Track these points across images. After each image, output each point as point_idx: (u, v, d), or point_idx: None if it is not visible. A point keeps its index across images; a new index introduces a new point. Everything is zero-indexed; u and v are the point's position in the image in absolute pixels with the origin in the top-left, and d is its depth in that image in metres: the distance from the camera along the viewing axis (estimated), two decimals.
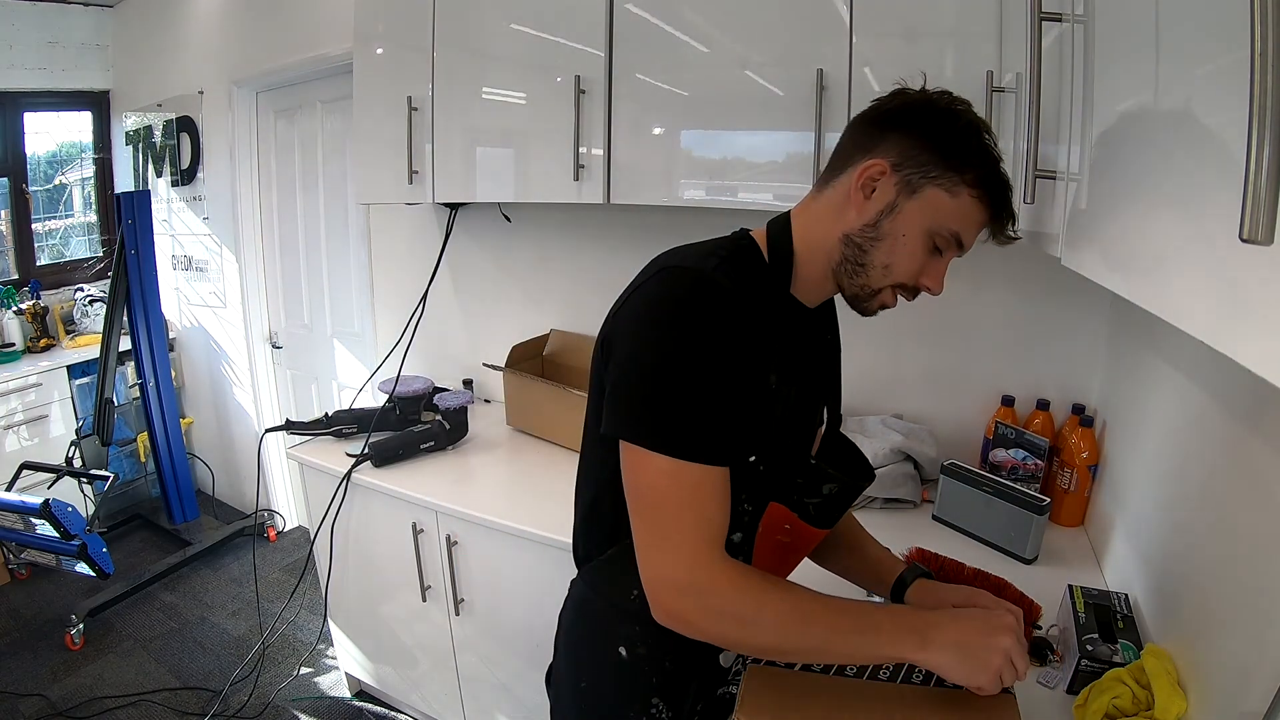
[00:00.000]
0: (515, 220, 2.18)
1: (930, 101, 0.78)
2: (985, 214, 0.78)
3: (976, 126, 0.76)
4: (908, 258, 0.79)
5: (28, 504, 2.20)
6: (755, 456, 0.81)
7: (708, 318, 0.73)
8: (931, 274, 0.80)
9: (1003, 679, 0.72)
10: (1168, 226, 0.53)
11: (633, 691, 0.89)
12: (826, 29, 1.31)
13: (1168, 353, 1.15)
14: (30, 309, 3.12)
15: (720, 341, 0.73)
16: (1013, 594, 1.07)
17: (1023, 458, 1.52)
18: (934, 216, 0.77)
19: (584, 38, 1.55)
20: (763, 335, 0.78)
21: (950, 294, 1.63)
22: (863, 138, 0.80)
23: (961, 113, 0.77)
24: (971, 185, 0.76)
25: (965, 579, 1.09)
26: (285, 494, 3.26)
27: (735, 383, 0.74)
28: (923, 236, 0.78)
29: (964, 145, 0.75)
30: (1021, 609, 0.93)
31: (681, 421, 0.71)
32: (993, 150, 0.77)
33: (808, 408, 0.89)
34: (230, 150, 2.91)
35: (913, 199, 0.77)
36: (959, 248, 0.79)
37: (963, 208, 0.76)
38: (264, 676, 2.28)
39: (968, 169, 0.75)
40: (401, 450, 1.85)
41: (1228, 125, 0.42)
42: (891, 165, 0.77)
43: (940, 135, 0.76)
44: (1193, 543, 0.98)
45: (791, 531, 0.86)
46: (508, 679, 1.75)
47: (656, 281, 0.76)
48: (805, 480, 0.85)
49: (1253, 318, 0.40)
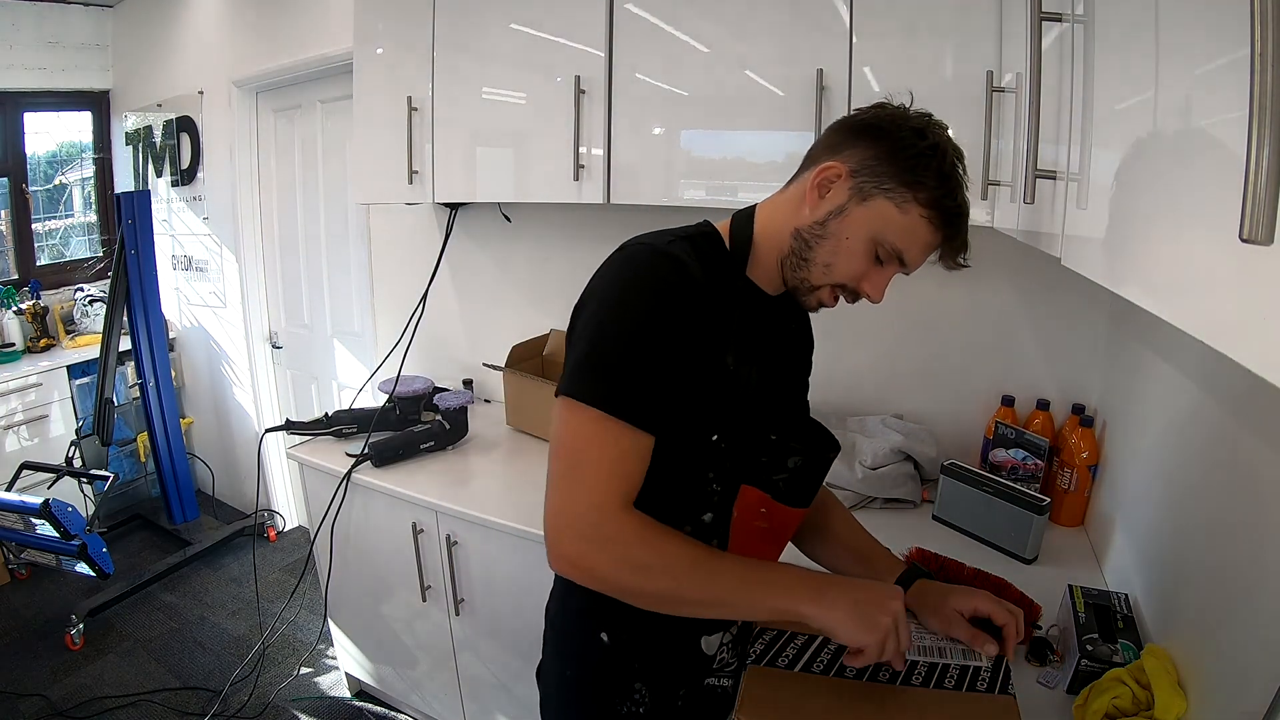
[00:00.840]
0: (515, 220, 2.18)
1: (903, 118, 0.80)
2: (933, 236, 0.79)
3: (943, 151, 0.78)
4: (848, 260, 0.81)
5: (28, 504, 2.20)
6: (717, 435, 0.83)
7: (659, 288, 0.76)
8: (872, 282, 0.82)
9: (886, 647, 0.75)
10: (1167, 226, 0.53)
11: (616, 678, 0.91)
12: (826, 29, 1.31)
13: (1168, 352, 1.15)
14: (30, 309, 3.12)
15: (669, 311, 0.76)
16: (1013, 594, 1.07)
17: (1023, 458, 1.52)
18: (879, 226, 0.78)
19: (584, 38, 1.55)
20: (719, 316, 0.81)
21: (950, 294, 1.66)
22: (833, 141, 0.83)
23: (932, 135, 0.78)
24: (923, 205, 0.77)
25: (965, 579, 1.09)
26: (285, 494, 3.26)
27: (678, 354, 0.77)
28: (866, 242, 0.79)
29: (923, 165, 0.77)
30: (1021, 609, 0.93)
31: (616, 380, 0.74)
32: (953, 176, 0.78)
33: (769, 389, 0.90)
34: (230, 150, 2.91)
35: (862, 205, 0.79)
36: (901, 264, 0.81)
37: (909, 225, 0.78)
38: (264, 676, 2.28)
39: (921, 188, 0.77)
40: (401, 450, 1.85)
41: (1227, 125, 0.42)
42: (849, 170, 0.79)
43: (902, 151, 0.77)
44: (1193, 542, 0.98)
45: (768, 515, 0.87)
46: (508, 679, 1.75)
47: (618, 257, 0.81)
48: (770, 457, 0.86)
49: (1253, 318, 0.40)
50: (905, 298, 1.71)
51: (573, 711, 0.96)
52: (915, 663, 0.86)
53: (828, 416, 1.75)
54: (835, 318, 1.79)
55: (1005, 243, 1.23)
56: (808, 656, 0.86)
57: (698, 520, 0.85)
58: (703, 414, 0.82)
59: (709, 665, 0.94)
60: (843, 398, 1.80)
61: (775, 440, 0.87)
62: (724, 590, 0.76)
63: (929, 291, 1.69)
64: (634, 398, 0.74)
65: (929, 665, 0.85)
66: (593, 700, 0.93)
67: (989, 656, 0.86)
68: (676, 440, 0.81)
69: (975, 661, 0.86)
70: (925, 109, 0.82)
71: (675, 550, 0.75)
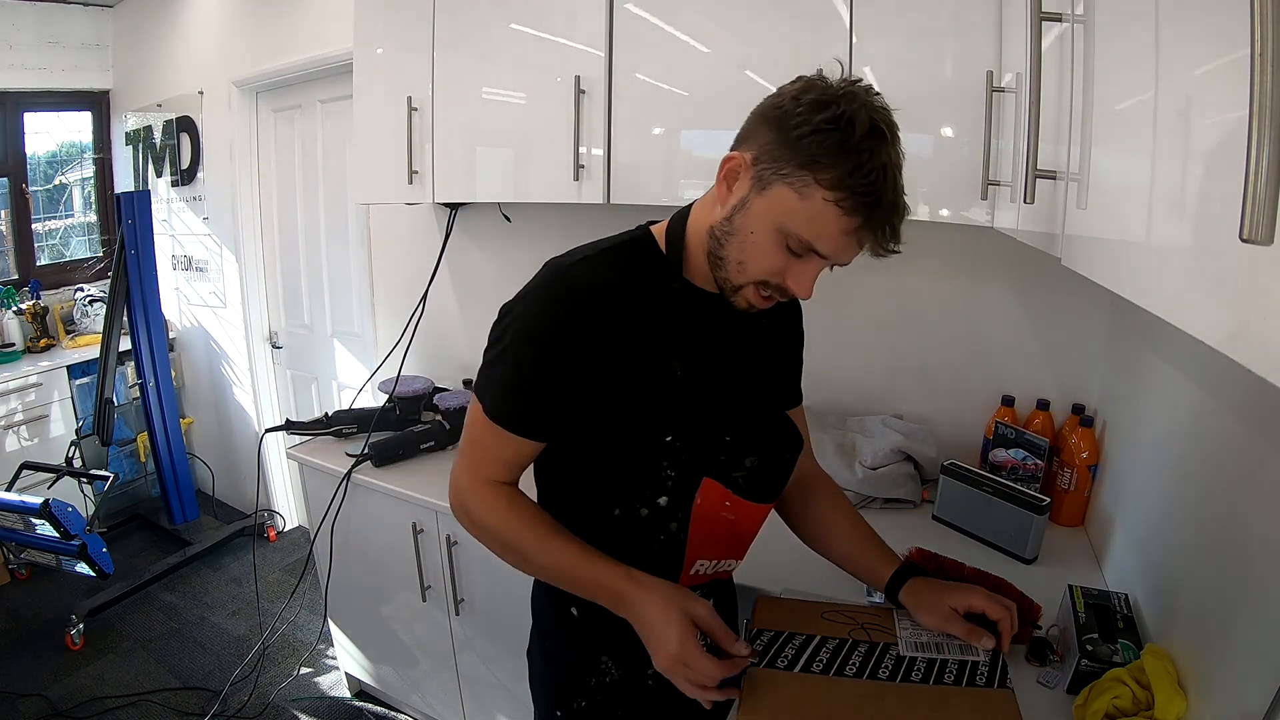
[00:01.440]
0: (515, 220, 2.18)
1: (808, 92, 0.71)
2: (845, 222, 0.71)
3: (849, 122, 0.68)
4: (758, 255, 0.76)
5: (28, 504, 2.20)
6: (671, 436, 0.83)
7: (547, 310, 0.80)
8: (794, 277, 0.76)
9: (676, 682, 0.77)
10: (1167, 226, 0.53)
11: (584, 651, 0.94)
12: (826, 29, 1.31)
13: (1168, 353, 1.15)
14: (30, 309, 3.12)
15: (551, 333, 0.79)
16: (1013, 594, 1.07)
17: (1023, 458, 1.52)
18: (781, 216, 0.73)
19: (584, 38, 1.55)
20: (652, 323, 0.82)
21: (950, 294, 1.66)
22: (743, 130, 0.78)
23: (841, 107, 0.69)
24: (826, 188, 0.69)
25: (965, 579, 1.09)
26: (285, 494, 3.26)
27: (561, 373, 0.80)
28: (772, 235, 0.74)
29: (823, 142, 0.68)
30: (1019, 607, 0.93)
31: (505, 394, 0.83)
32: (865, 151, 0.68)
33: (723, 391, 0.88)
34: (230, 150, 2.91)
35: (761, 196, 0.74)
36: (819, 256, 0.75)
37: (813, 211, 0.71)
38: (264, 676, 2.28)
39: (821, 168, 0.69)
40: (401, 450, 1.85)
41: (1227, 125, 0.42)
42: (751, 159, 0.74)
43: (799, 128, 0.70)
44: (1193, 543, 0.98)
45: (733, 507, 0.87)
46: (508, 679, 1.75)
47: (536, 275, 0.83)
48: (727, 456, 0.86)
49: (1253, 318, 0.40)
50: (905, 298, 1.72)
51: (550, 684, 0.99)
52: (914, 659, 0.86)
53: (827, 416, 1.75)
54: (835, 318, 1.80)
55: (1005, 243, 1.23)
56: (807, 656, 0.86)
57: (653, 503, 0.85)
58: (654, 417, 0.83)
59: None
60: (843, 398, 1.80)
61: (730, 441, 0.87)
62: (552, 576, 0.87)
63: (929, 291, 1.69)
64: (516, 413, 0.83)
65: (928, 661, 0.86)
66: (566, 670, 0.96)
67: (985, 650, 0.86)
68: (627, 438, 0.83)
69: (973, 656, 0.86)
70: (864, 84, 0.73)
71: (514, 530, 0.85)
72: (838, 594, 1.18)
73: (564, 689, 0.97)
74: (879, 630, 0.90)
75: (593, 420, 0.83)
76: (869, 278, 1.75)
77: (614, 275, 0.81)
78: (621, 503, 0.86)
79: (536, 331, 0.80)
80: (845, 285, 1.78)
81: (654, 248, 0.86)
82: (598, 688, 0.94)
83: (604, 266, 0.81)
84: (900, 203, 0.73)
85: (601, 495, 0.87)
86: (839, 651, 0.85)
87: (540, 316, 0.80)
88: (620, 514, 0.87)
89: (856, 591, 1.18)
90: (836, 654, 0.86)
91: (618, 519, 0.87)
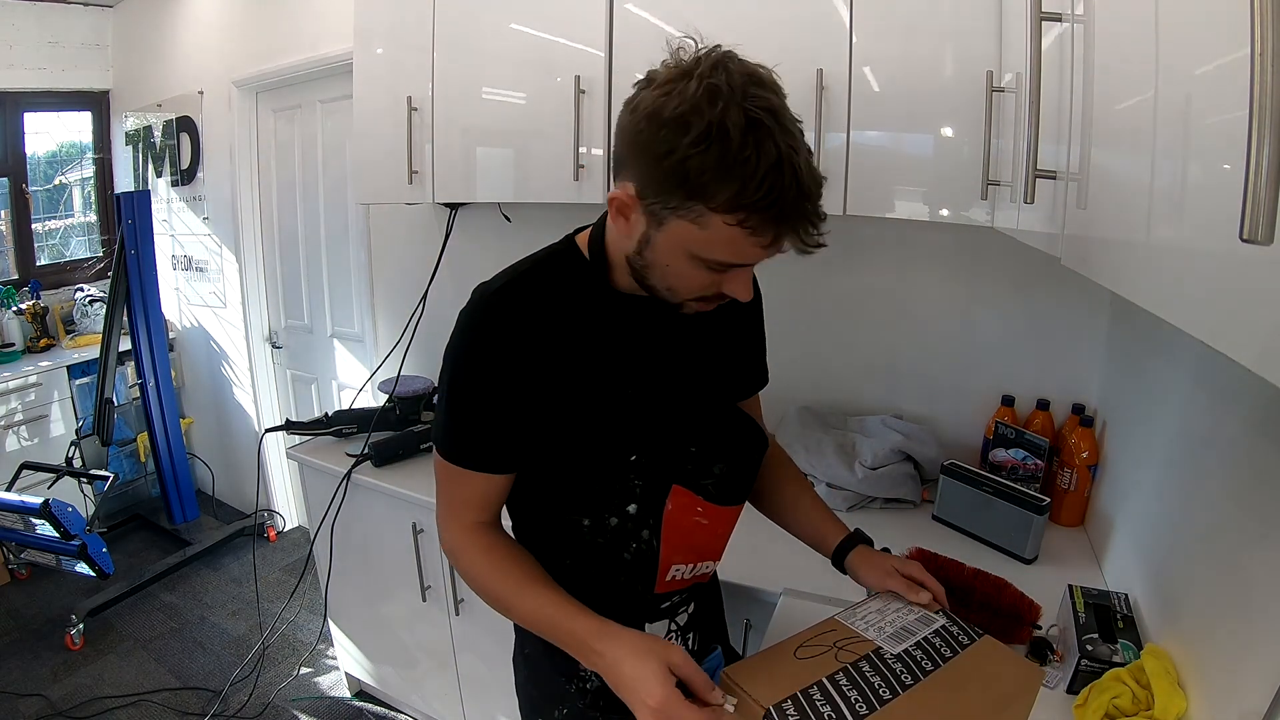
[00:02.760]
0: (515, 220, 2.18)
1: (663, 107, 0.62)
2: (756, 239, 0.64)
3: (721, 133, 0.60)
4: (684, 281, 0.72)
5: (28, 504, 2.20)
6: (636, 455, 0.82)
7: (478, 342, 0.78)
8: (729, 286, 0.72)
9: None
10: (1167, 226, 0.53)
11: (563, 657, 0.88)
12: (826, 29, 1.31)
13: (1168, 353, 1.15)
14: (30, 309, 3.12)
15: (486, 365, 0.77)
16: (1011, 594, 1.07)
17: (1023, 458, 1.52)
18: (688, 246, 0.67)
19: (584, 38, 1.55)
20: (593, 335, 0.80)
21: (950, 294, 1.66)
22: (617, 149, 0.70)
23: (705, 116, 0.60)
24: (724, 212, 0.62)
25: (965, 579, 1.09)
26: (285, 494, 3.26)
27: (504, 400, 0.78)
28: (688, 262, 0.69)
29: (700, 168, 0.61)
30: (1020, 608, 0.93)
31: (448, 429, 0.82)
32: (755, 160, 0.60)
33: (680, 398, 0.85)
34: (230, 150, 2.91)
35: (660, 230, 0.68)
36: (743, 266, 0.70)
37: (719, 237, 0.65)
38: (264, 676, 2.28)
39: (709, 196, 0.62)
40: (401, 450, 1.85)
41: (1227, 125, 0.42)
42: (636, 193, 0.67)
43: (668, 158, 0.62)
44: (1193, 542, 0.98)
45: (705, 513, 0.87)
46: (507, 679, 1.74)
47: (466, 305, 0.81)
48: (694, 466, 0.85)
49: (1253, 318, 0.40)
50: (905, 298, 1.72)
51: (532, 688, 1.00)
52: (908, 652, 0.84)
53: (827, 416, 1.75)
54: (835, 318, 1.80)
55: (1005, 243, 1.23)
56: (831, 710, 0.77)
57: (622, 511, 0.84)
58: (614, 438, 0.81)
59: None
60: (843, 398, 1.80)
61: (696, 451, 0.85)
62: (531, 626, 0.83)
63: (930, 291, 1.69)
64: (467, 449, 0.81)
65: (918, 646, 0.83)
66: (546, 677, 0.96)
67: (921, 605, 0.87)
68: (589, 459, 0.82)
69: (939, 623, 0.86)
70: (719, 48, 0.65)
71: (492, 579, 0.84)
72: (834, 591, 1.18)
73: (546, 698, 0.96)
74: (854, 642, 0.87)
75: (550, 444, 0.81)
76: (869, 278, 1.75)
77: (540, 293, 0.79)
78: (590, 513, 0.85)
79: (469, 363, 0.78)
80: (845, 285, 1.79)
81: (579, 258, 0.82)
82: (578, 694, 0.93)
83: (528, 286, 0.79)
84: (808, 186, 0.63)
85: (569, 507, 0.85)
86: (852, 686, 0.81)
87: (471, 348, 0.78)
88: (590, 524, 0.85)
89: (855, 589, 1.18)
90: (851, 689, 0.78)
91: (588, 529, 0.85)
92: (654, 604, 0.92)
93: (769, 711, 0.77)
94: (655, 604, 0.92)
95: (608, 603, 0.85)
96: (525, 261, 0.84)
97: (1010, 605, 1.07)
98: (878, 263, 1.73)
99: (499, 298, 0.79)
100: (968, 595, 1.08)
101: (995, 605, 1.06)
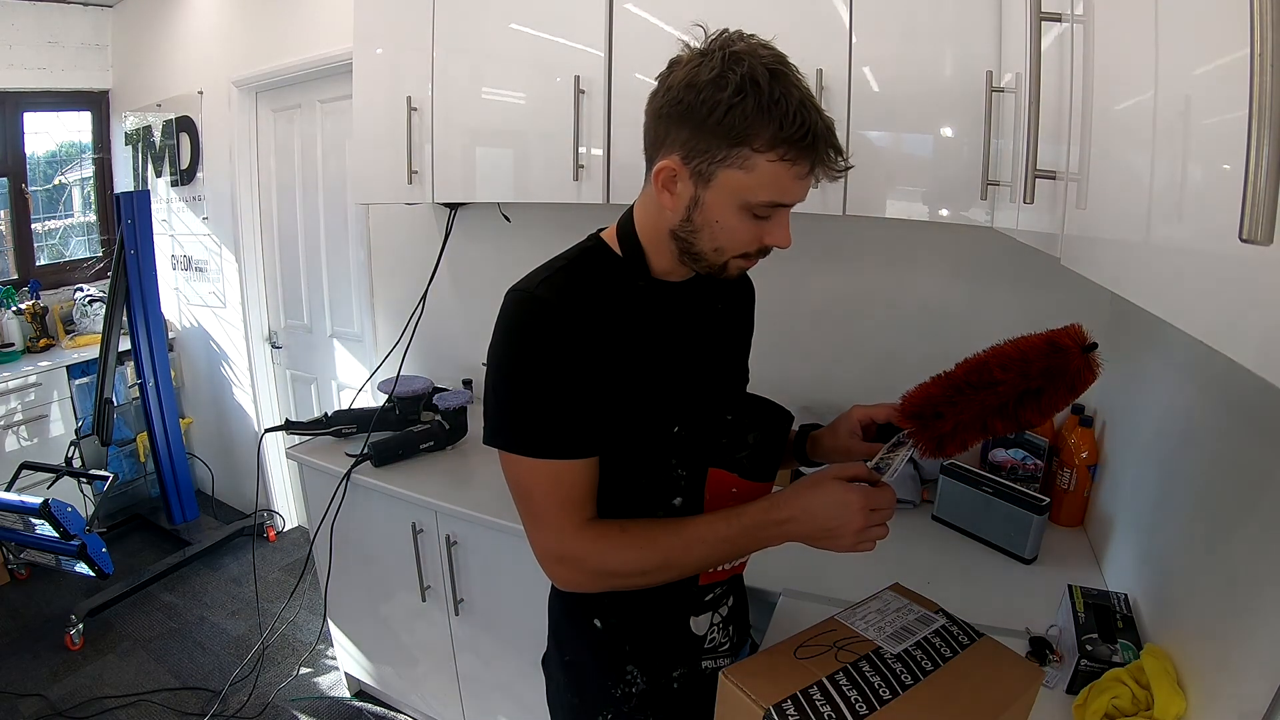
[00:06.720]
0: (515, 220, 2.18)
1: (698, 74, 0.73)
2: (797, 169, 0.74)
3: (752, 83, 0.71)
4: (732, 236, 0.79)
5: (28, 504, 2.20)
6: (679, 426, 0.85)
7: (534, 333, 0.78)
8: (772, 235, 0.79)
9: (865, 539, 0.78)
10: (1167, 226, 0.53)
11: (609, 661, 0.93)
12: (826, 29, 1.31)
13: (1167, 353, 1.15)
14: (30, 309, 3.12)
15: (549, 351, 0.78)
16: (1035, 342, 0.88)
17: (1022, 458, 1.52)
18: (739, 195, 0.75)
19: (584, 38, 1.55)
20: (632, 321, 0.83)
21: (950, 294, 1.66)
22: (655, 135, 0.80)
23: (732, 75, 0.71)
24: (765, 150, 0.72)
25: (986, 374, 0.95)
26: (285, 494, 3.26)
27: (574, 382, 0.79)
28: (737, 214, 0.77)
29: (739, 115, 0.71)
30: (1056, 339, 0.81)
31: (529, 426, 0.80)
32: (780, 104, 0.71)
33: (716, 373, 0.93)
34: (230, 150, 2.91)
35: (709, 188, 0.76)
36: (785, 207, 0.78)
37: (765, 176, 0.74)
38: (264, 676, 2.28)
39: (753, 138, 0.72)
40: (401, 450, 1.85)
41: (1227, 125, 0.42)
42: (681, 160, 0.76)
43: (712, 115, 0.72)
44: (1192, 542, 0.98)
45: (740, 494, 0.88)
46: (508, 679, 1.75)
47: (502, 309, 0.82)
48: (729, 438, 0.88)
49: (1253, 318, 0.40)
50: (905, 297, 1.72)
51: (573, 695, 0.99)
52: (908, 652, 0.84)
53: (827, 416, 1.75)
54: (836, 318, 1.80)
55: (1005, 243, 1.23)
56: (831, 711, 0.77)
57: (669, 505, 0.87)
58: (661, 410, 0.84)
59: (700, 646, 0.96)
60: (843, 398, 1.80)
61: (732, 420, 0.89)
62: (701, 560, 0.83)
63: (929, 291, 1.69)
64: (547, 436, 0.80)
65: (918, 646, 0.83)
66: (589, 683, 0.96)
67: (937, 613, 0.88)
68: (637, 436, 0.84)
69: (937, 622, 0.87)
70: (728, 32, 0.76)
71: (645, 547, 0.82)
72: (834, 591, 1.18)
73: (588, 703, 0.96)
74: (854, 642, 0.87)
75: (606, 425, 0.82)
76: (869, 278, 1.75)
77: (584, 283, 0.82)
78: (642, 509, 0.86)
79: (537, 356, 0.79)
80: (845, 286, 1.79)
81: (609, 253, 0.87)
82: (624, 699, 0.94)
83: (568, 279, 0.82)
84: (827, 121, 0.75)
85: (617, 507, 0.86)
86: (852, 686, 0.81)
87: (527, 342, 0.79)
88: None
89: (854, 589, 1.18)
90: (851, 689, 0.79)
91: None
92: (699, 596, 0.94)
93: (769, 711, 0.77)
94: (700, 596, 0.94)
95: (656, 599, 0.89)
96: (559, 259, 0.86)
97: (1043, 347, 0.87)
98: (878, 263, 1.73)
99: (547, 289, 0.80)
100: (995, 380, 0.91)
101: (1028, 361, 0.89)
